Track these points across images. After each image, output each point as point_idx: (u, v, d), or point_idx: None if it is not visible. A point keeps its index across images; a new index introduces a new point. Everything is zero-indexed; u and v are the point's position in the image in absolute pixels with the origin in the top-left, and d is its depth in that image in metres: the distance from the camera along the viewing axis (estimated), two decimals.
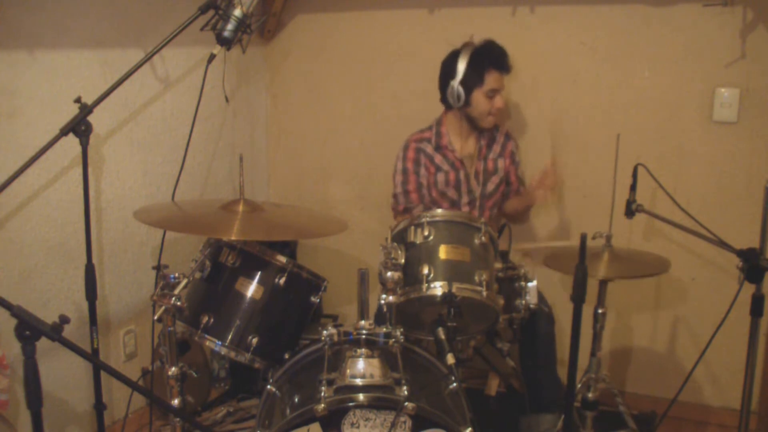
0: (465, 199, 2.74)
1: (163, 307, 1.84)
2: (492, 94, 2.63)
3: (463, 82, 2.63)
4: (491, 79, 2.61)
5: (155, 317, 1.85)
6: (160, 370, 2.00)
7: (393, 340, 1.81)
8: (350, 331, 1.83)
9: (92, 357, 2.02)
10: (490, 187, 2.77)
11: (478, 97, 2.63)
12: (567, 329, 2.10)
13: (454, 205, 2.74)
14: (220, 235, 2.16)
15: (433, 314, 2.04)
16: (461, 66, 2.62)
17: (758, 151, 2.70)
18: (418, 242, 2.16)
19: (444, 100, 2.70)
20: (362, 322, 1.83)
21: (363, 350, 1.82)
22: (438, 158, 2.74)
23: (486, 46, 2.65)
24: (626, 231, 2.81)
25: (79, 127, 1.99)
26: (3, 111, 2.22)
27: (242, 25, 2.22)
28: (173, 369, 1.91)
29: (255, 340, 2.14)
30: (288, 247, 3.26)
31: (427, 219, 2.18)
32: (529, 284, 2.19)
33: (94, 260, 2.16)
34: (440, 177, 2.73)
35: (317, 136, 3.40)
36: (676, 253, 2.81)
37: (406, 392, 1.74)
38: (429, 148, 2.74)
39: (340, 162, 3.37)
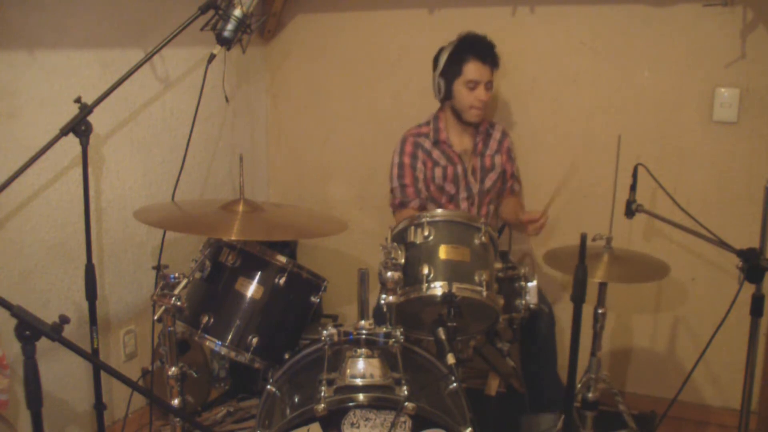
0: (463, 194, 2.74)
1: (163, 307, 1.84)
2: (472, 85, 2.60)
3: (443, 74, 2.64)
4: (470, 69, 2.59)
5: (155, 317, 1.85)
6: (160, 370, 2.01)
7: (393, 340, 1.81)
8: (350, 331, 1.83)
9: (92, 357, 2.02)
10: (488, 183, 2.77)
11: (459, 88, 2.62)
12: (567, 329, 2.10)
13: (452, 199, 2.74)
14: (220, 235, 2.16)
15: (433, 314, 2.04)
16: (443, 57, 2.63)
17: (758, 151, 2.70)
18: (418, 242, 2.16)
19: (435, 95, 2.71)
20: (362, 322, 1.83)
21: (363, 350, 1.82)
22: (436, 153, 2.74)
23: (467, 36, 2.64)
24: (626, 231, 2.81)
25: (79, 127, 2.00)
26: (3, 111, 2.22)
27: (242, 25, 2.22)
28: (173, 369, 1.91)
29: (255, 340, 2.14)
30: (288, 247, 3.26)
31: (427, 219, 2.18)
32: (529, 284, 2.20)
33: (94, 260, 2.16)
34: (438, 171, 2.73)
35: (317, 136, 3.40)
36: (676, 253, 2.81)
37: (406, 392, 1.74)
38: (427, 143, 2.74)
39: (340, 162, 3.37)
